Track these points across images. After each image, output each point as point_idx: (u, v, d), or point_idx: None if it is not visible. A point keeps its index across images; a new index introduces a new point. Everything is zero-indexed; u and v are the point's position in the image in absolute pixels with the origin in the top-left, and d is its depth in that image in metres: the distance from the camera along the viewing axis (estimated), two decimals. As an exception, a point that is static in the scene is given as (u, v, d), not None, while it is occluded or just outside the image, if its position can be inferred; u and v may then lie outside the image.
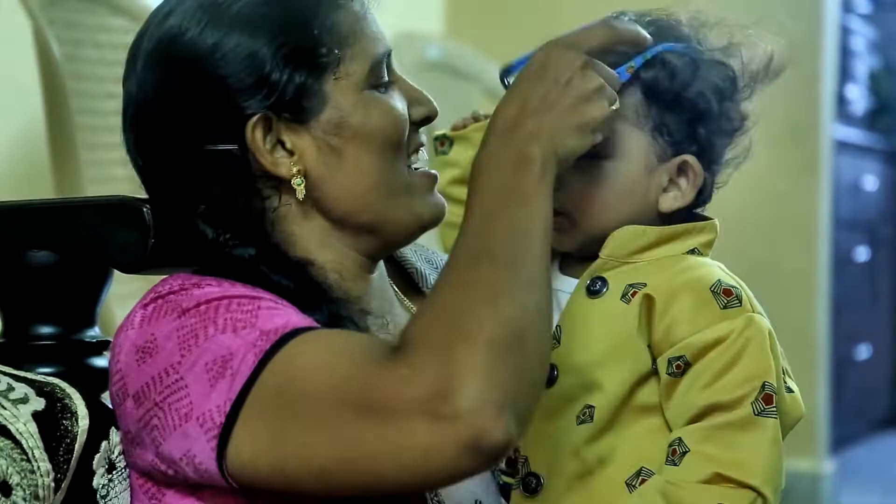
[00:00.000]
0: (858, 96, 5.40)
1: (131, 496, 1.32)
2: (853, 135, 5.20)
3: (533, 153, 1.19)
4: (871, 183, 5.38)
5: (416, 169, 1.38)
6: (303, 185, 1.32)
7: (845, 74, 5.16)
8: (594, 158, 1.32)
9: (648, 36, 1.30)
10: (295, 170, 1.32)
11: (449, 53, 3.69)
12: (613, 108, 1.25)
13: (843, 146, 4.87)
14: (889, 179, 5.66)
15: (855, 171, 5.21)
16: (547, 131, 1.21)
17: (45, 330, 1.43)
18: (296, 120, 1.32)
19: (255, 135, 1.31)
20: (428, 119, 1.39)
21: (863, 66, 5.49)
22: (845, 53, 5.14)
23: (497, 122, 1.22)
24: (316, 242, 1.35)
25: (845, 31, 5.12)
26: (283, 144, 1.32)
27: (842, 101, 5.07)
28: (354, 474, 1.15)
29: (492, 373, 1.10)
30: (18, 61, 2.61)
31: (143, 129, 1.35)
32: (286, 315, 1.22)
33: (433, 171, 1.40)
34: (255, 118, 1.30)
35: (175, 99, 1.32)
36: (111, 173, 2.44)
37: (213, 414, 1.18)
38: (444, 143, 1.57)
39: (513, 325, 1.12)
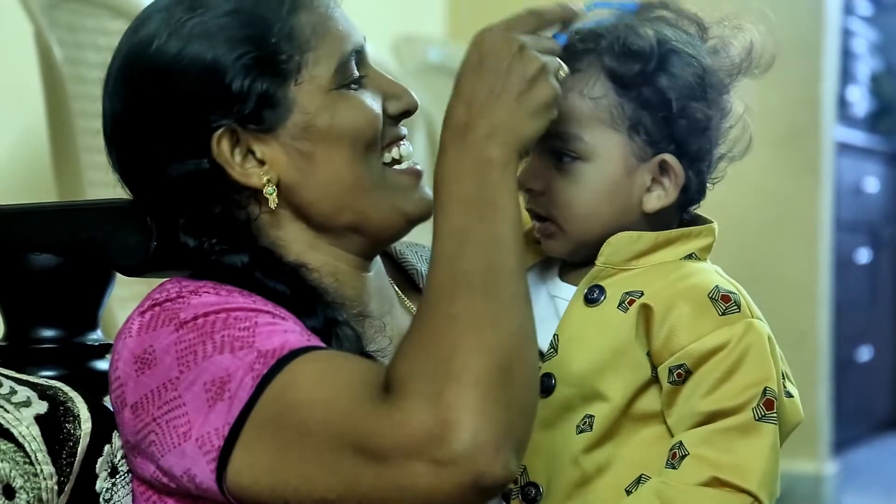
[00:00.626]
0: (860, 98, 5.39)
1: (133, 501, 1.32)
2: (854, 136, 5.19)
3: (491, 155, 1.17)
4: (872, 185, 5.37)
5: (396, 163, 1.36)
6: (274, 195, 1.31)
7: (847, 76, 5.15)
8: (574, 161, 1.32)
9: (575, 7, 1.28)
10: (265, 179, 1.31)
11: (450, 56, 3.69)
12: (563, 74, 1.23)
13: (844, 148, 4.86)
14: (890, 181, 5.65)
15: (856, 173, 5.21)
16: (501, 127, 1.18)
17: (48, 333, 1.43)
18: (262, 129, 1.31)
19: (222, 148, 1.30)
20: (407, 112, 1.37)
21: (864, 67, 5.49)
22: (846, 55, 5.14)
23: (449, 125, 1.20)
24: (304, 246, 1.34)
25: (846, 33, 5.11)
26: (253, 154, 1.31)
27: (843, 103, 5.06)
28: None
29: (484, 411, 1.09)
30: (20, 64, 2.61)
31: (119, 145, 1.35)
32: (283, 334, 1.21)
33: (418, 168, 1.38)
34: (219, 131, 1.30)
35: (143, 114, 1.32)
36: (112, 176, 2.43)
37: (212, 437, 1.18)
38: None
39: (499, 355, 1.11)
